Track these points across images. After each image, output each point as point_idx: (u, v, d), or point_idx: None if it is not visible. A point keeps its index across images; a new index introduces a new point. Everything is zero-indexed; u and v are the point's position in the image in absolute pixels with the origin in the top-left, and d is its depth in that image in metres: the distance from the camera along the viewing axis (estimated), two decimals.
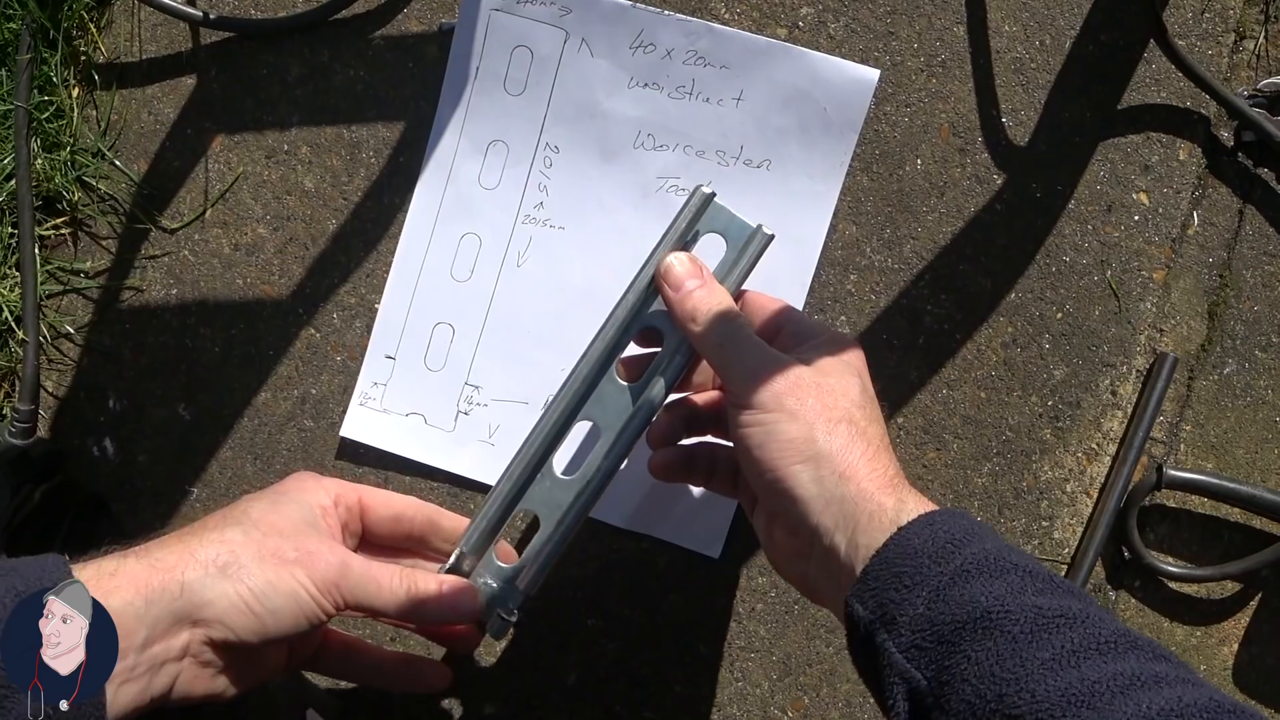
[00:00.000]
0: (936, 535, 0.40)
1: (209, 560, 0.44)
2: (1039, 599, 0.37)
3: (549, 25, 0.58)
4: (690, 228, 0.51)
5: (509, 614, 0.51)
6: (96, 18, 0.62)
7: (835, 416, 0.44)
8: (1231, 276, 0.61)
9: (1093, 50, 0.60)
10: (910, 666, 0.38)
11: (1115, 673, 0.34)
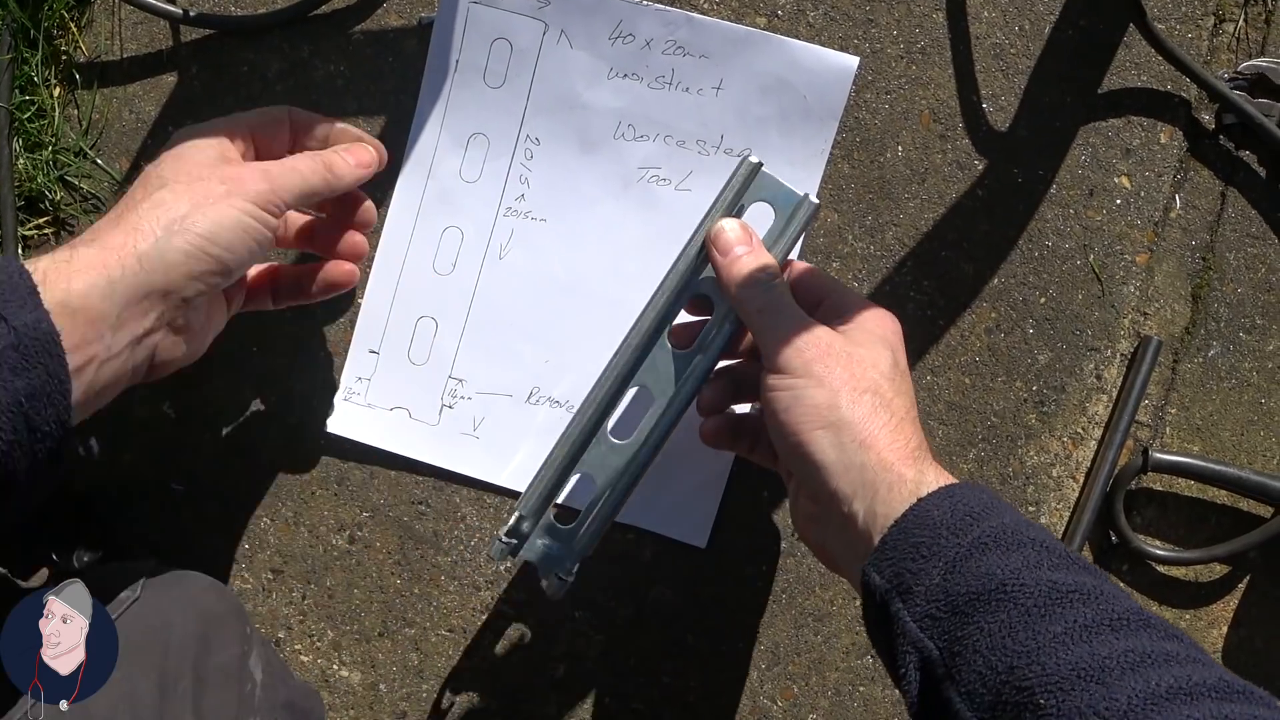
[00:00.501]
0: (955, 507, 0.41)
1: (152, 227, 0.44)
2: (1054, 574, 0.38)
3: (528, 17, 0.58)
4: (738, 198, 0.51)
5: (566, 574, 0.52)
6: (77, 16, 0.62)
7: (862, 386, 0.45)
8: (1214, 259, 0.61)
9: (1072, 35, 0.60)
10: (924, 636, 0.38)
11: (1126, 649, 0.34)
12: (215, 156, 0.48)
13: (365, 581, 0.61)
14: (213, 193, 0.46)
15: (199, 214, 0.45)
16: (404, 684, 0.61)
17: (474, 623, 0.61)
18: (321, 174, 0.50)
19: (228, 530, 0.62)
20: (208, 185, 0.46)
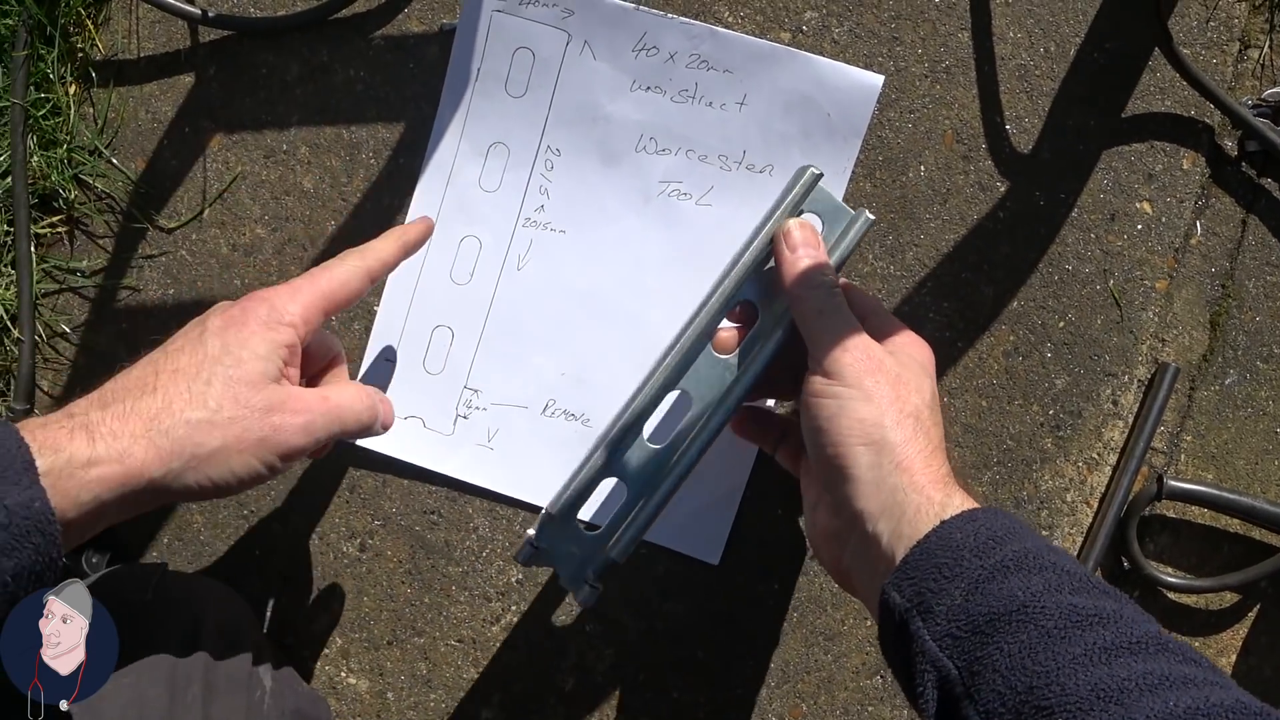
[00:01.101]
0: (979, 531, 0.41)
1: (174, 452, 0.43)
2: (1075, 597, 0.38)
3: (551, 27, 0.58)
4: (797, 206, 0.51)
5: (596, 582, 0.51)
6: (94, 14, 0.61)
7: (906, 410, 0.45)
8: (1234, 287, 0.61)
9: (1097, 58, 0.59)
10: (943, 655, 0.38)
11: (1145, 672, 0.34)
12: (269, 372, 0.46)
13: (375, 590, 0.61)
14: (246, 440, 0.45)
15: (223, 457, 0.44)
16: (412, 693, 0.61)
17: (483, 633, 0.61)
18: (364, 425, 0.50)
19: (238, 536, 0.62)
20: (247, 427, 0.45)
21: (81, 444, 0.41)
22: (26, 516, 0.38)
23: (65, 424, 0.42)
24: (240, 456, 0.44)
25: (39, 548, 0.39)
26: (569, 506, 0.51)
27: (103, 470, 0.41)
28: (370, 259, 0.51)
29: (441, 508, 0.61)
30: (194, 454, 0.43)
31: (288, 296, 0.48)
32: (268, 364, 0.46)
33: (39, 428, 0.41)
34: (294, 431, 0.46)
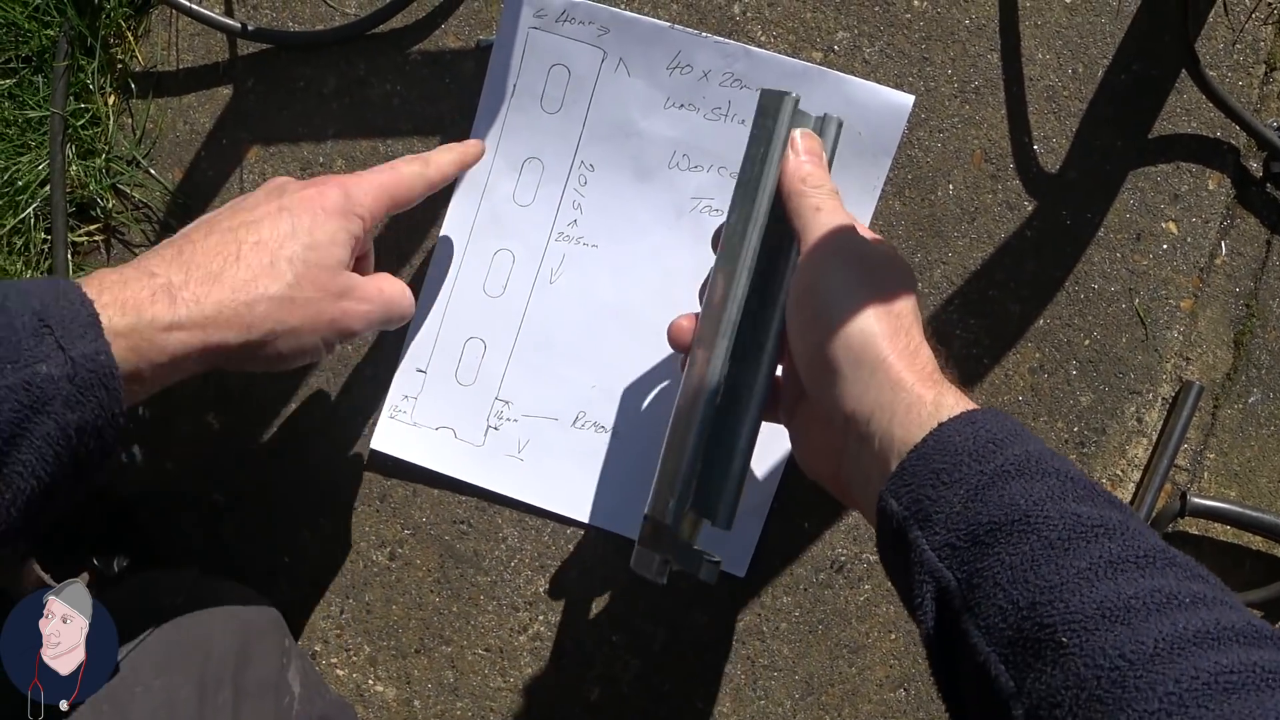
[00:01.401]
0: (978, 433, 0.39)
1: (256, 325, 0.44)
2: (1079, 506, 0.36)
3: (587, 44, 0.58)
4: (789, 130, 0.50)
5: (714, 557, 0.50)
6: (134, 26, 0.62)
7: (885, 307, 0.44)
8: (1258, 306, 0.62)
9: (1124, 79, 0.60)
10: (942, 565, 0.37)
11: (1152, 588, 0.33)
12: (343, 258, 0.48)
13: (404, 598, 0.62)
14: (319, 322, 0.46)
15: (296, 336, 0.46)
16: (439, 701, 0.62)
17: (511, 643, 0.62)
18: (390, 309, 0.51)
19: (268, 543, 0.62)
20: (321, 310, 0.46)
21: (163, 308, 0.42)
22: (92, 369, 0.39)
23: (146, 284, 0.42)
24: (311, 336, 0.46)
25: (102, 402, 0.39)
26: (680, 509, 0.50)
27: (182, 336, 0.42)
28: (431, 168, 0.53)
29: (471, 518, 0.61)
30: (273, 329, 0.45)
31: (360, 189, 0.49)
32: (343, 251, 0.48)
33: (118, 284, 0.42)
34: (358, 318, 0.48)
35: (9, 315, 0.38)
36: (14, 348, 0.38)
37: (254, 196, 0.48)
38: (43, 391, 0.38)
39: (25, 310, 0.39)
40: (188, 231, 0.47)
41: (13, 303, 0.39)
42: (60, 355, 0.38)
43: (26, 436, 0.38)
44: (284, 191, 0.48)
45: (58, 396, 0.38)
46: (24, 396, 0.37)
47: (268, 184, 0.50)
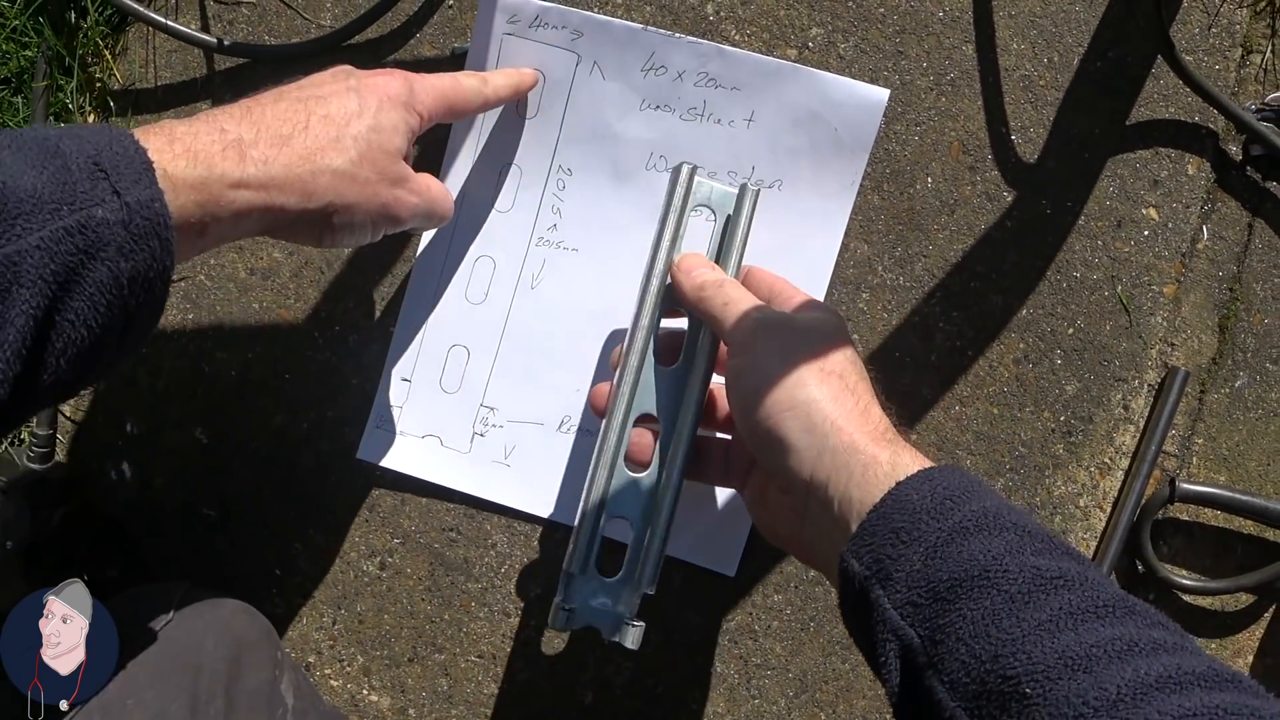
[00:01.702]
0: (935, 491, 0.39)
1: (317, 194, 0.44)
2: (1037, 559, 0.37)
3: (561, 49, 0.59)
4: (683, 206, 0.53)
5: (636, 621, 0.52)
6: (111, 44, 0.63)
7: (827, 369, 0.45)
8: (1242, 290, 0.61)
9: (1101, 67, 0.60)
10: (904, 623, 0.37)
11: (1113, 637, 0.33)
12: (402, 147, 0.48)
13: (396, 607, 0.62)
14: (373, 204, 0.47)
15: (350, 213, 0.46)
16: (433, 709, 0.62)
17: (503, 649, 0.62)
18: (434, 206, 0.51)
19: (259, 555, 0.62)
20: (377, 192, 0.47)
21: (232, 163, 0.42)
22: (147, 216, 0.38)
23: (218, 139, 0.42)
24: (363, 216, 0.46)
25: (154, 252, 0.38)
26: (584, 560, 0.52)
27: (248, 195, 0.42)
28: (489, 87, 0.54)
29: (460, 525, 0.61)
30: (331, 201, 0.45)
31: (423, 87, 0.50)
32: (403, 141, 0.48)
33: (189, 136, 0.41)
34: (406, 208, 0.48)
35: (64, 158, 0.37)
36: (70, 190, 0.37)
37: (321, 75, 0.48)
38: (98, 236, 0.37)
39: (80, 154, 0.38)
40: (256, 96, 0.46)
41: (67, 146, 0.38)
42: (116, 200, 0.37)
43: (80, 283, 0.37)
44: (351, 74, 0.49)
45: (112, 242, 0.37)
46: (79, 240, 0.36)
47: (333, 69, 0.50)
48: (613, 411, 0.52)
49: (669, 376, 0.52)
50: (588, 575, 0.52)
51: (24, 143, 0.38)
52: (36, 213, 0.36)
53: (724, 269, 0.53)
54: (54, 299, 0.36)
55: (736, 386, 0.46)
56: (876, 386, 0.46)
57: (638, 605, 0.52)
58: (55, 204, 0.36)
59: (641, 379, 0.52)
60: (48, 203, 0.36)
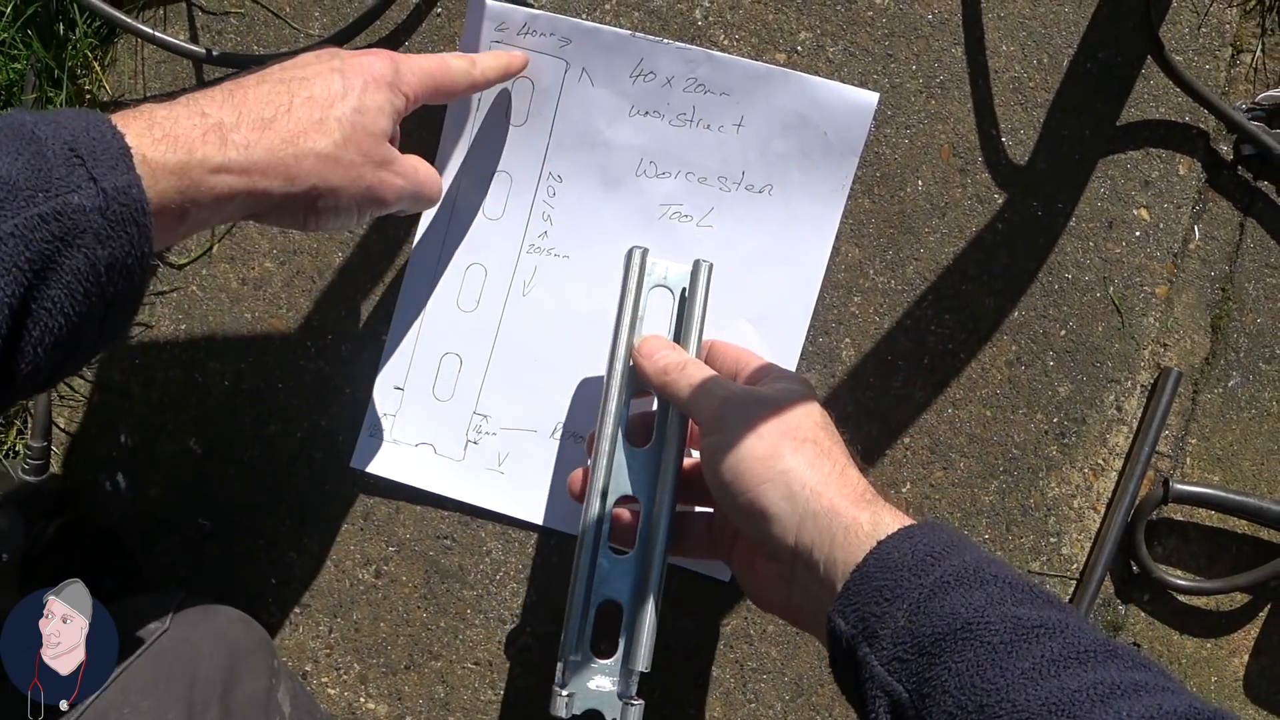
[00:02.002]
0: (916, 548, 0.40)
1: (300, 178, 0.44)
2: (1018, 609, 0.38)
3: (549, 56, 0.58)
4: (639, 287, 0.54)
5: (635, 699, 0.52)
6: (100, 56, 0.63)
7: (800, 436, 0.45)
8: (1234, 290, 0.61)
9: (1090, 68, 0.60)
10: (892, 679, 0.38)
11: (1095, 681, 0.34)
12: (387, 129, 0.47)
13: (391, 615, 0.62)
14: (357, 186, 0.46)
15: (334, 196, 0.45)
16: (430, 716, 0.62)
17: (499, 655, 0.62)
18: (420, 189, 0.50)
19: (255, 564, 0.63)
20: (361, 174, 0.46)
21: (214, 148, 0.41)
22: (124, 203, 0.37)
23: (198, 123, 0.41)
24: (347, 199, 0.46)
25: (132, 239, 0.38)
26: (576, 645, 0.52)
27: (229, 179, 0.42)
28: (477, 69, 0.53)
29: (455, 532, 0.62)
30: (315, 185, 0.44)
31: (408, 67, 0.49)
32: (388, 122, 0.48)
33: (169, 120, 0.41)
34: (392, 190, 0.48)
35: (40, 144, 0.37)
36: (45, 176, 0.36)
37: (305, 56, 0.48)
38: (74, 223, 0.36)
39: (56, 140, 0.37)
40: (238, 78, 0.46)
41: (43, 131, 0.37)
42: (92, 186, 0.37)
43: (56, 270, 0.36)
44: (335, 55, 0.48)
45: (89, 229, 0.37)
46: (55, 227, 0.36)
47: (318, 50, 0.50)
48: (590, 496, 0.52)
49: (643, 456, 0.53)
50: (584, 659, 0.52)
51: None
52: (11, 199, 0.35)
53: (684, 346, 0.53)
54: (30, 287, 0.36)
55: (712, 464, 0.47)
56: (852, 447, 0.47)
57: (636, 683, 0.52)
58: (31, 190, 0.36)
59: (615, 461, 0.53)
60: (23, 189, 0.36)
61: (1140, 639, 0.61)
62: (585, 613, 0.52)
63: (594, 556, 0.52)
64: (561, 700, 0.51)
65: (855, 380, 0.60)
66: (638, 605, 0.52)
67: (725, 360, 0.54)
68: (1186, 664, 0.61)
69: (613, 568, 0.53)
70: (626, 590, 0.52)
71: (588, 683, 0.52)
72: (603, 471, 0.52)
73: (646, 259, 0.54)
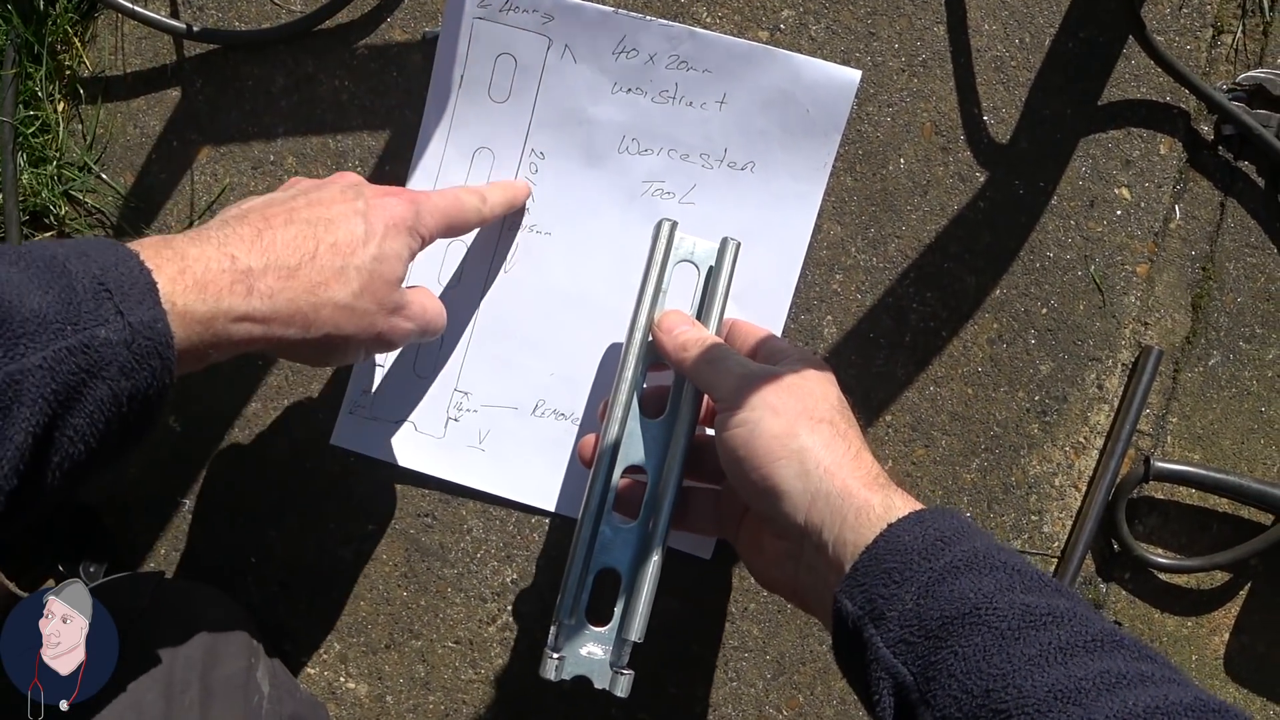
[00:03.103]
0: (926, 532, 0.41)
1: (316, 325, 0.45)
2: (1027, 596, 0.38)
3: (532, 32, 0.58)
4: (666, 260, 0.54)
5: (625, 668, 0.52)
6: (81, 32, 0.62)
7: (817, 416, 0.45)
8: (1214, 269, 0.62)
9: (1072, 47, 0.60)
10: (897, 661, 0.38)
11: (1101, 670, 0.34)
12: (402, 275, 0.48)
13: (372, 594, 0.62)
14: (369, 333, 0.47)
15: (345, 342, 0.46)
16: (411, 695, 0.62)
17: (480, 634, 0.61)
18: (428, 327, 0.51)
19: (234, 543, 0.62)
20: (374, 322, 0.47)
21: (239, 297, 0.42)
22: (149, 337, 0.39)
23: (228, 268, 0.42)
24: (357, 344, 0.47)
25: (155, 371, 0.39)
26: (572, 610, 0.52)
27: (250, 327, 0.43)
28: (487, 207, 0.54)
29: (435, 510, 0.61)
30: (330, 332, 0.45)
31: (427, 208, 0.50)
32: (403, 268, 0.49)
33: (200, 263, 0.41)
34: (400, 334, 0.49)
35: (70, 278, 0.38)
36: (74, 310, 0.37)
37: (330, 189, 0.49)
38: (101, 356, 0.37)
39: (86, 274, 0.38)
40: (266, 211, 0.46)
41: (74, 265, 0.39)
42: (119, 320, 0.38)
43: (81, 401, 0.37)
44: (360, 194, 0.49)
45: (115, 362, 0.38)
46: (82, 360, 0.37)
47: (343, 179, 0.50)
48: (599, 463, 0.52)
49: (655, 428, 0.53)
50: (577, 624, 0.52)
51: (31, 259, 0.38)
52: (41, 332, 0.37)
53: (705, 323, 0.53)
54: (54, 416, 0.37)
55: (727, 440, 0.46)
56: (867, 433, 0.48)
57: (628, 654, 0.52)
58: (60, 324, 0.37)
59: (627, 431, 0.53)
60: (52, 322, 0.37)
61: (1121, 617, 0.61)
62: (583, 578, 0.52)
63: (597, 523, 0.52)
64: (552, 663, 0.51)
65: (837, 358, 0.60)
66: (637, 575, 0.52)
67: (745, 339, 0.54)
68: (1167, 642, 0.61)
69: (615, 536, 0.52)
70: (626, 560, 0.52)
71: (580, 649, 0.52)
72: (614, 439, 0.52)
73: (675, 232, 0.54)
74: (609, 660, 0.52)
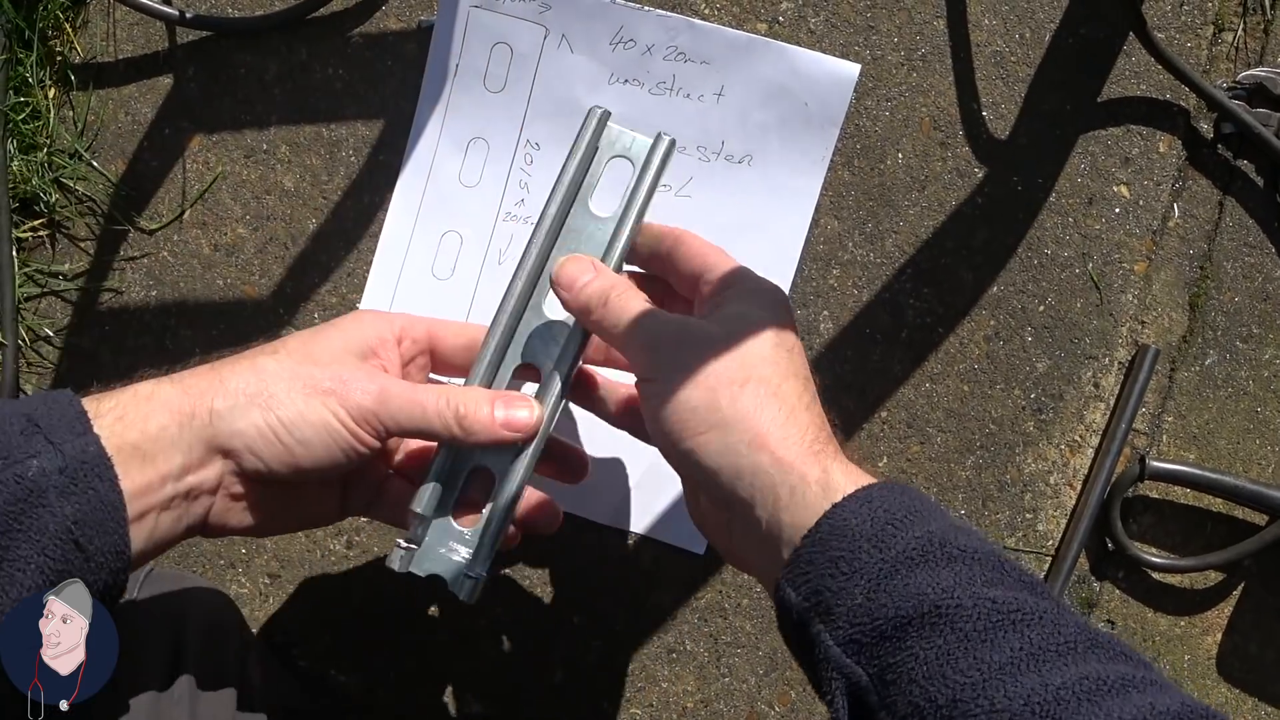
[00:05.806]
0: (875, 515, 0.37)
1: (239, 389, 0.42)
2: (990, 590, 0.35)
3: (528, 22, 0.58)
4: (590, 151, 0.48)
5: (475, 573, 0.47)
6: (72, 18, 0.61)
7: (741, 377, 0.40)
8: (1212, 268, 0.61)
9: (1072, 43, 0.60)
10: (850, 661, 0.36)
11: (1079, 676, 0.32)
12: (351, 350, 0.45)
13: (363, 586, 0.61)
14: (316, 386, 0.43)
15: (288, 397, 0.42)
16: (402, 688, 0.61)
17: (472, 628, 0.61)
18: (446, 421, 0.44)
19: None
20: (315, 376, 0.43)
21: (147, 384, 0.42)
22: (83, 459, 0.39)
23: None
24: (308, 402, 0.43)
25: (100, 493, 0.39)
26: (437, 505, 0.47)
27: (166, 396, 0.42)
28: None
29: None
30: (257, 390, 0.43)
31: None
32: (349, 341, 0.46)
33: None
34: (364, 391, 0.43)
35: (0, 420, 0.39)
36: (5, 447, 0.38)
37: None
38: (35, 484, 0.38)
39: (14, 414, 0.39)
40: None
41: (4, 410, 0.40)
42: (51, 450, 0.39)
43: (22, 530, 0.38)
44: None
45: (50, 488, 0.38)
46: (15, 489, 0.38)
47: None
48: (480, 359, 0.47)
49: (553, 328, 0.47)
50: (445, 526, 0.47)
51: None
52: None
53: (619, 234, 0.47)
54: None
55: (649, 413, 0.43)
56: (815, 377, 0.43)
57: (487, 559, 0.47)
58: None
59: (519, 327, 0.47)
60: None
61: (1114, 616, 0.61)
62: (453, 472, 0.47)
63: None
64: (398, 554, 0.47)
65: (833, 353, 0.60)
66: (503, 476, 0.46)
67: (691, 260, 0.47)
68: (1160, 642, 0.61)
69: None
70: (502, 463, 0.46)
71: (439, 546, 0.47)
72: (504, 328, 0.47)
73: (607, 121, 0.48)
74: (464, 568, 0.46)
